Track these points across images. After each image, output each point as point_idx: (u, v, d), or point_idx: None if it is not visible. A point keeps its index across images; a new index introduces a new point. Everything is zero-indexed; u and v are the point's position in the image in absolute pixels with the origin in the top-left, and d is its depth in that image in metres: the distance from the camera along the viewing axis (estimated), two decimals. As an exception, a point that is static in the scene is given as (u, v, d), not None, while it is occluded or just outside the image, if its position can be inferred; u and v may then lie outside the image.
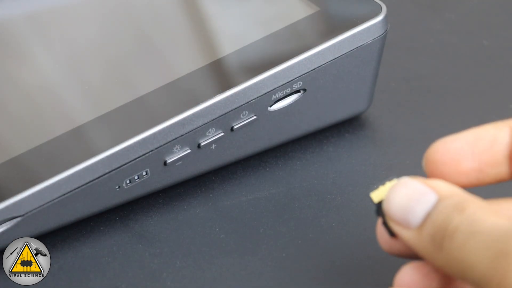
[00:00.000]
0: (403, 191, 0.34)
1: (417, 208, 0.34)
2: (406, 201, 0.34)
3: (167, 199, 0.43)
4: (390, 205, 0.34)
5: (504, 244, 0.31)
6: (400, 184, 0.35)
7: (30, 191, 0.38)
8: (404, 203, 0.34)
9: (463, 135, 0.36)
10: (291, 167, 0.45)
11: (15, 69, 0.45)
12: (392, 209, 0.34)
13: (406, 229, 0.34)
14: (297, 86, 0.43)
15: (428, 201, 0.34)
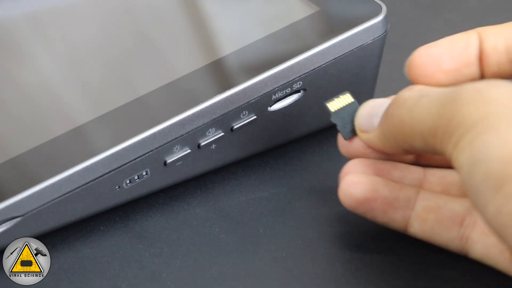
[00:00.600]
0: (369, 104, 0.40)
1: (379, 111, 0.39)
2: (371, 110, 0.39)
3: (167, 199, 0.43)
4: (359, 119, 0.40)
5: (452, 93, 0.34)
6: (367, 101, 0.40)
7: (30, 191, 0.38)
8: (369, 111, 0.39)
9: (441, 42, 0.40)
10: (291, 167, 0.45)
11: (15, 69, 0.45)
12: (361, 121, 0.40)
13: (370, 132, 0.39)
14: (297, 86, 0.43)
15: (388, 102, 0.39)
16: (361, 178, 0.39)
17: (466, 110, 0.33)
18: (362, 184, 0.38)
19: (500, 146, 0.31)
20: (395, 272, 0.39)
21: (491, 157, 0.31)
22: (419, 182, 0.40)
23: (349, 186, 0.39)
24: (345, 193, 0.39)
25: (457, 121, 0.33)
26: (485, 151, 0.31)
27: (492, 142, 0.31)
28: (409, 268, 0.39)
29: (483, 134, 0.32)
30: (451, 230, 0.38)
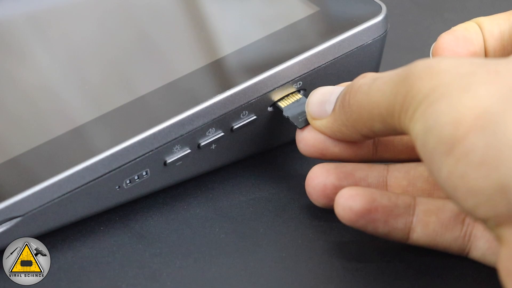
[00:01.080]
0: (319, 91, 0.41)
1: (331, 98, 0.40)
2: (321, 97, 0.40)
3: (167, 199, 0.43)
4: (310, 107, 0.41)
5: (404, 71, 0.35)
6: (317, 89, 0.41)
7: (30, 191, 0.38)
8: (320, 98, 0.40)
9: (453, 30, 0.42)
10: (291, 167, 0.45)
11: (15, 69, 0.45)
12: (312, 109, 0.40)
13: (323, 119, 0.40)
14: (297, 86, 0.43)
15: (338, 91, 0.40)
16: (357, 190, 0.38)
17: (419, 84, 0.34)
18: (360, 196, 0.38)
19: (449, 112, 0.32)
20: (395, 272, 0.39)
21: (441, 123, 0.32)
22: (383, 179, 0.40)
23: (346, 200, 0.38)
24: (343, 207, 0.38)
25: (411, 95, 0.34)
26: (436, 118, 0.32)
27: (442, 108, 0.32)
28: (409, 268, 0.39)
29: (435, 103, 0.33)
30: (454, 230, 0.38)
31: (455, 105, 0.32)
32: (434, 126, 0.32)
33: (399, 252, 0.40)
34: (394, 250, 0.40)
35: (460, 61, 0.34)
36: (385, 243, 0.40)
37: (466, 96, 0.32)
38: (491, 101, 0.32)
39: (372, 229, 0.38)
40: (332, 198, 0.40)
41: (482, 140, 0.31)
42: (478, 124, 0.31)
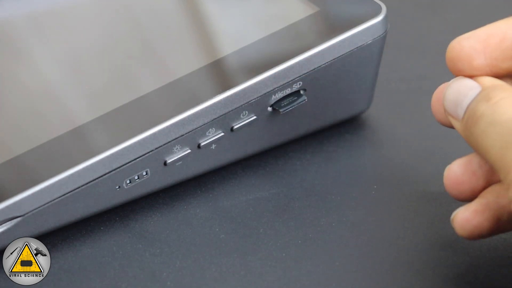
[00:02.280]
0: (455, 87, 0.38)
1: (464, 101, 0.37)
2: (456, 96, 0.38)
3: (167, 199, 0.43)
4: (445, 101, 0.38)
5: (509, 137, 0.34)
6: (454, 81, 0.38)
7: (30, 191, 0.38)
8: (455, 97, 0.38)
9: (476, 33, 0.39)
10: (291, 167, 0.45)
11: (16, 69, 0.45)
12: (447, 104, 0.38)
13: (457, 121, 0.38)
14: (297, 86, 0.43)
15: (472, 94, 0.37)
16: (476, 207, 0.37)
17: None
18: (483, 214, 0.37)
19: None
20: (395, 272, 0.39)
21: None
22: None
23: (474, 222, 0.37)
24: (472, 228, 0.37)
25: (510, 179, 0.34)
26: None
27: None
28: (409, 268, 0.39)
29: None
30: None
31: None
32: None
33: (399, 252, 0.40)
34: (394, 250, 0.40)
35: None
36: (386, 243, 0.40)
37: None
38: None
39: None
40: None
41: None
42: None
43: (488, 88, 0.37)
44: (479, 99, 0.37)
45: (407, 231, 0.41)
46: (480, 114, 0.36)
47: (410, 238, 0.41)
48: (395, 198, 0.42)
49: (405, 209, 0.42)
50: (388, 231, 0.41)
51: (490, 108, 0.36)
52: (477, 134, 0.36)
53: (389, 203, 0.42)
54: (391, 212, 0.42)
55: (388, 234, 0.41)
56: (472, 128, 0.36)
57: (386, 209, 0.42)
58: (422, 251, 0.40)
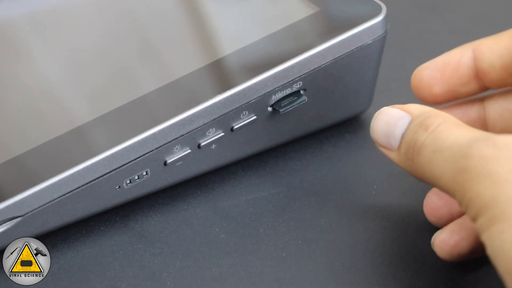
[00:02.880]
0: (383, 119, 0.39)
1: (395, 131, 0.38)
2: (386, 127, 0.39)
3: (167, 199, 0.43)
4: (374, 133, 0.39)
5: (462, 159, 0.34)
6: (380, 113, 0.39)
7: (30, 191, 0.38)
8: (384, 129, 0.39)
9: (434, 62, 0.41)
10: (291, 167, 0.45)
11: (16, 69, 0.45)
12: (377, 136, 0.39)
13: (391, 152, 0.39)
14: (297, 86, 0.43)
15: (402, 123, 0.38)
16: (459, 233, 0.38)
17: (475, 187, 0.34)
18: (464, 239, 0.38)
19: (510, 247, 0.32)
20: (395, 272, 0.39)
21: (507, 255, 0.32)
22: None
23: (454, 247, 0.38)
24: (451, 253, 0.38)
25: (469, 196, 0.34)
26: (501, 247, 0.32)
27: (506, 238, 0.32)
28: (409, 268, 0.39)
29: (495, 225, 0.33)
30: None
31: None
32: (501, 258, 0.32)
33: (400, 252, 0.40)
34: (395, 250, 0.40)
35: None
36: (386, 243, 0.40)
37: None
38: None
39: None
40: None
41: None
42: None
43: (420, 116, 0.38)
44: (415, 129, 0.37)
45: (408, 231, 0.41)
46: (421, 144, 0.36)
47: (410, 238, 0.41)
48: (395, 198, 0.42)
49: (405, 208, 0.42)
50: (388, 231, 0.41)
51: (431, 136, 0.36)
52: (422, 163, 0.36)
53: (389, 203, 0.42)
54: (391, 212, 0.42)
55: (388, 234, 0.41)
56: (415, 158, 0.37)
57: (386, 209, 0.42)
58: (422, 250, 0.40)
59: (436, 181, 0.36)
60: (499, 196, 0.33)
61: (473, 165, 0.34)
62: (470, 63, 0.41)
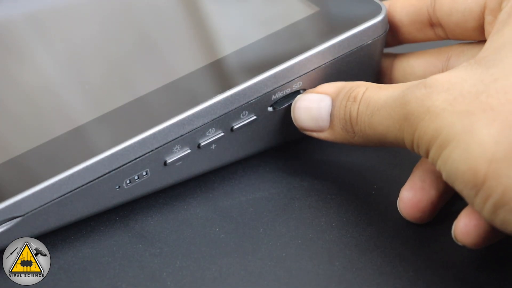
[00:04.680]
0: (303, 105, 0.42)
1: (321, 113, 0.42)
2: (309, 112, 0.42)
3: (167, 199, 0.43)
4: (298, 121, 0.43)
5: (401, 108, 0.37)
6: (297, 101, 0.43)
7: (30, 191, 0.38)
8: (308, 114, 0.42)
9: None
10: (291, 167, 0.45)
11: (16, 69, 0.45)
12: (302, 123, 0.43)
13: (321, 132, 0.42)
14: (297, 86, 0.43)
15: (325, 105, 0.42)
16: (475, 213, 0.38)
17: (421, 125, 0.37)
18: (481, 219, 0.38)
19: (464, 161, 0.35)
20: (395, 272, 0.39)
21: (460, 171, 0.35)
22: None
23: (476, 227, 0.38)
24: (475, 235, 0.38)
25: (418, 134, 0.37)
26: (454, 167, 0.35)
27: (456, 157, 0.35)
28: (409, 268, 0.39)
29: (445, 149, 0.36)
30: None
31: (466, 153, 0.35)
32: (454, 174, 0.36)
33: (400, 252, 0.40)
34: (395, 250, 0.40)
35: (451, 94, 0.36)
36: (386, 243, 0.40)
37: (473, 142, 0.35)
38: (497, 145, 0.34)
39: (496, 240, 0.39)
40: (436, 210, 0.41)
41: (500, 185, 0.34)
42: (492, 170, 0.34)
43: (339, 92, 0.41)
44: (344, 104, 0.41)
45: (408, 231, 0.41)
46: (356, 114, 0.40)
47: (411, 238, 0.41)
48: (395, 198, 0.42)
49: (405, 209, 0.42)
50: (388, 231, 0.41)
51: (362, 103, 0.40)
52: (364, 129, 0.40)
53: (389, 203, 0.42)
54: (391, 212, 0.42)
55: (388, 234, 0.41)
56: (355, 128, 0.40)
57: (386, 209, 0.42)
58: (422, 250, 0.40)
59: (383, 139, 0.39)
60: (441, 124, 0.36)
61: (412, 109, 0.37)
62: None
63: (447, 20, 0.44)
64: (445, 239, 0.40)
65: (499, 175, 0.34)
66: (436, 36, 0.45)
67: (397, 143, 0.39)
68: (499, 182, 0.34)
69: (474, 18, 0.43)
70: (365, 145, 0.41)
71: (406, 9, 0.45)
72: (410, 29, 0.45)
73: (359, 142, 0.41)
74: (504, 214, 0.34)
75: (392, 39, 0.46)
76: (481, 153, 0.35)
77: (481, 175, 0.35)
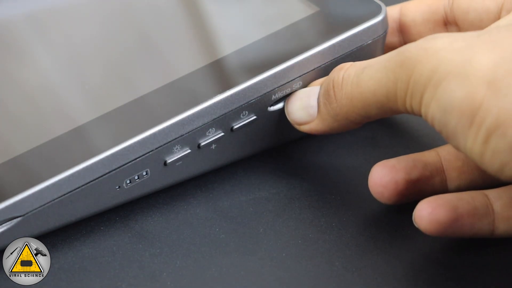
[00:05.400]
0: (295, 98, 0.42)
1: (310, 100, 0.42)
2: (299, 103, 0.42)
3: (167, 199, 0.43)
4: (291, 114, 0.43)
5: (398, 57, 0.36)
6: (291, 97, 0.43)
7: (30, 191, 0.38)
8: (298, 104, 0.42)
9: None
10: (291, 167, 0.45)
11: (16, 69, 0.45)
12: (294, 116, 0.42)
13: (312, 122, 0.42)
14: (297, 86, 0.43)
15: (314, 92, 0.42)
16: (437, 200, 0.39)
17: (419, 67, 0.35)
18: (442, 206, 0.38)
19: (461, 87, 0.34)
20: (395, 272, 0.39)
21: (457, 100, 0.34)
22: (439, 165, 0.41)
23: (431, 214, 0.38)
24: (429, 221, 0.38)
25: (414, 80, 0.35)
26: (450, 97, 0.34)
27: (453, 86, 0.34)
28: (409, 268, 0.39)
29: (443, 83, 0.34)
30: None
31: (464, 79, 0.34)
32: (451, 105, 0.34)
33: (400, 252, 0.40)
34: (395, 250, 0.40)
35: (453, 37, 0.35)
36: (386, 243, 0.41)
37: (472, 68, 0.34)
38: (497, 67, 0.33)
39: (458, 234, 0.39)
40: (404, 194, 0.41)
41: (496, 104, 0.33)
42: (491, 91, 0.33)
43: (329, 77, 0.41)
44: (329, 77, 0.40)
45: (408, 231, 0.41)
46: (342, 78, 0.39)
47: (411, 238, 0.41)
48: (395, 198, 0.42)
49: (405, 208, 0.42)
50: (388, 231, 0.41)
51: (350, 68, 0.39)
52: (350, 91, 0.39)
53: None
54: (391, 212, 0.42)
55: (388, 234, 0.41)
56: (338, 94, 0.39)
57: (386, 209, 0.42)
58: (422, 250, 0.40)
59: (370, 96, 0.38)
60: (438, 62, 0.35)
61: (410, 53, 0.36)
62: (396, 16, 0.46)
63: (463, 19, 0.44)
64: (445, 240, 0.40)
65: (496, 95, 0.33)
66: None
67: (386, 101, 0.37)
68: (495, 103, 0.33)
69: (490, 18, 0.43)
70: (347, 116, 0.39)
71: (421, 9, 0.45)
72: (422, 29, 0.45)
73: (342, 115, 0.40)
74: (496, 141, 0.33)
75: (400, 41, 0.46)
76: (480, 77, 0.33)
77: (479, 99, 0.33)
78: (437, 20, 0.45)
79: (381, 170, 0.41)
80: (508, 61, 0.33)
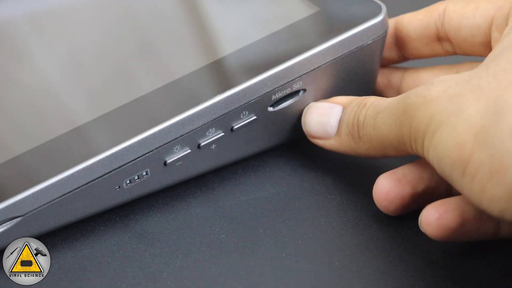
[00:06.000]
0: (314, 112, 0.43)
1: (330, 120, 0.43)
2: (319, 118, 0.43)
3: (167, 199, 0.43)
4: (307, 127, 0.44)
5: (401, 104, 0.38)
6: (310, 107, 0.44)
7: (30, 191, 0.38)
8: (318, 120, 0.43)
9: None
10: (291, 167, 0.45)
11: (16, 69, 0.45)
12: (310, 128, 0.43)
13: (327, 140, 0.43)
14: (297, 86, 0.43)
15: (336, 112, 0.43)
16: (443, 205, 0.39)
17: (418, 114, 0.37)
18: (450, 211, 0.39)
19: (452, 138, 0.35)
20: (395, 272, 0.39)
21: (448, 150, 0.35)
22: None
23: (439, 219, 0.39)
24: (437, 227, 0.39)
25: (415, 126, 0.37)
26: (442, 146, 0.36)
27: (445, 136, 0.36)
28: (409, 268, 0.39)
29: (437, 131, 0.36)
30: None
31: (454, 130, 0.35)
32: (444, 154, 0.36)
33: (400, 252, 0.40)
34: (395, 250, 0.40)
35: (448, 83, 0.37)
36: (386, 243, 0.40)
37: (461, 120, 0.35)
38: (482, 119, 0.35)
39: (464, 239, 0.39)
40: (409, 207, 0.41)
41: (486, 155, 0.34)
42: (478, 142, 0.34)
43: (351, 102, 0.42)
44: (354, 110, 0.42)
45: (408, 231, 0.41)
46: (364, 118, 0.41)
47: (411, 238, 0.41)
48: (395, 198, 0.42)
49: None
50: (388, 230, 0.41)
51: (370, 108, 0.41)
52: (369, 133, 0.40)
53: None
54: (391, 212, 0.42)
55: (388, 234, 0.41)
56: (361, 132, 0.41)
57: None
58: (422, 250, 0.40)
59: (385, 139, 0.39)
60: (434, 111, 0.36)
61: (410, 101, 0.38)
62: (391, 31, 0.46)
63: (455, 35, 0.44)
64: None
65: (485, 146, 0.34)
66: (444, 51, 0.46)
67: (397, 144, 0.39)
68: (485, 154, 0.34)
69: (481, 34, 0.43)
70: (367, 153, 0.41)
71: (413, 24, 0.46)
72: (417, 44, 0.46)
73: (363, 150, 0.41)
74: (492, 190, 0.34)
75: (399, 55, 0.47)
76: (467, 128, 0.35)
77: (468, 149, 0.35)
78: (430, 36, 0.45)
79: (387, 183, 0.41)
80: (492, 112, 0.34)
